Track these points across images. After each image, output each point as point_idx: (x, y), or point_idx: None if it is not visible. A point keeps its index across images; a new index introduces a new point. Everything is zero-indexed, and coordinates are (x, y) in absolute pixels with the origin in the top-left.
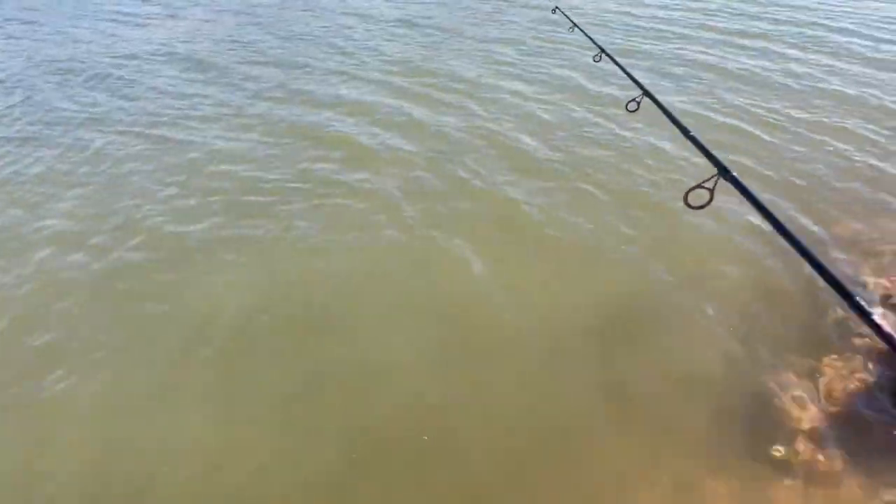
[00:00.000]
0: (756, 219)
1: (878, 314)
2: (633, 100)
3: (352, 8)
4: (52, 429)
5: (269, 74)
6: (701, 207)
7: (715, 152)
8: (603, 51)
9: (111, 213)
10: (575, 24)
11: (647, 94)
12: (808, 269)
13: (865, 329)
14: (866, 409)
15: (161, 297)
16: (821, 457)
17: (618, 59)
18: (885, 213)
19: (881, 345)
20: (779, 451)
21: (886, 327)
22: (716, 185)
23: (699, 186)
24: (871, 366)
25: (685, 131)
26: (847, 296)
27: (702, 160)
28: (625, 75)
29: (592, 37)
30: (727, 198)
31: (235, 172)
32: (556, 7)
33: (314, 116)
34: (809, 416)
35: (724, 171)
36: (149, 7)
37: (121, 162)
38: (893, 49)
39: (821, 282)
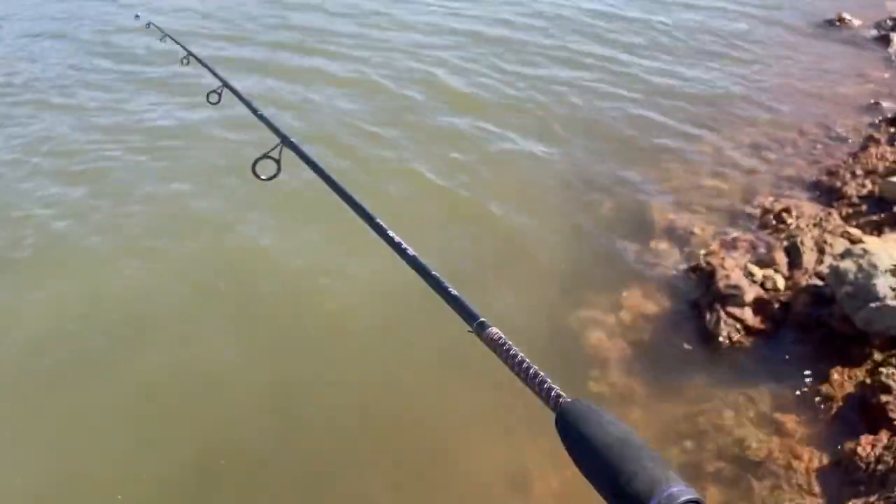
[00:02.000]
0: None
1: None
2: (215, 91)
3: None
4: None
5: None
6: (271, 178)
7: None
8: (190, 53)
9: None
10: (165, 34)
11: (226, 84)
12: (606, 212)
13: (657, 260)
14: (664, 330)
15: None
16: (631, 382)
17: (202, 59)
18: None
19: (671, 273)
20: (592, 381)
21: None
22: (281, 153)
23: (265, 156)
24: (664, 290)
25: (254, 111)
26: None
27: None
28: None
29: (183, 43)
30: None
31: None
32: (150, 22)
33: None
34: (617, 346)
35: (285, 140)
36: None
37: None
38: None
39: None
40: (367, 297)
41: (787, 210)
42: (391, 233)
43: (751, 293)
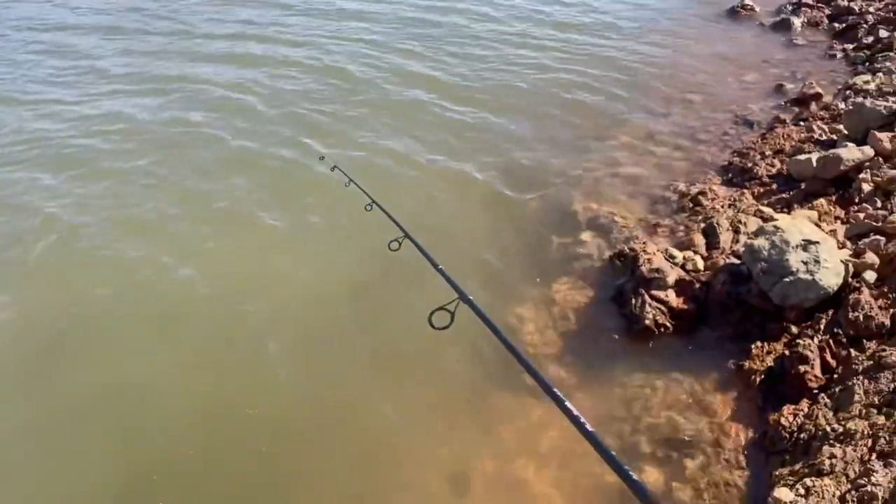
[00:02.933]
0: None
1: (587, 236)
2: (395, 240)
3: None
4: None
5: None
6: (444, 329)
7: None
8: (373, 201)
9: None
10: (351, 180)
11: (407, 235)
12: (531, 207)
13: (582, 250)
14: (594, 319)
15: None
16: (565, 373)
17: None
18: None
19: (597, 262)
20: (528, 375)
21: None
22: (456, 307)
23: (442, 308)
24: (592, 279)
25: (434, 265)
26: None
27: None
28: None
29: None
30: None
31: None
32: (335, 166)
33: None
34: (549, 339)
35: (463, 296)
36: None
37: None
38: None
39: (537, 216)
40: (298, 302)
41: (703, 193)
42: (568, 404)
43: (672, 276)
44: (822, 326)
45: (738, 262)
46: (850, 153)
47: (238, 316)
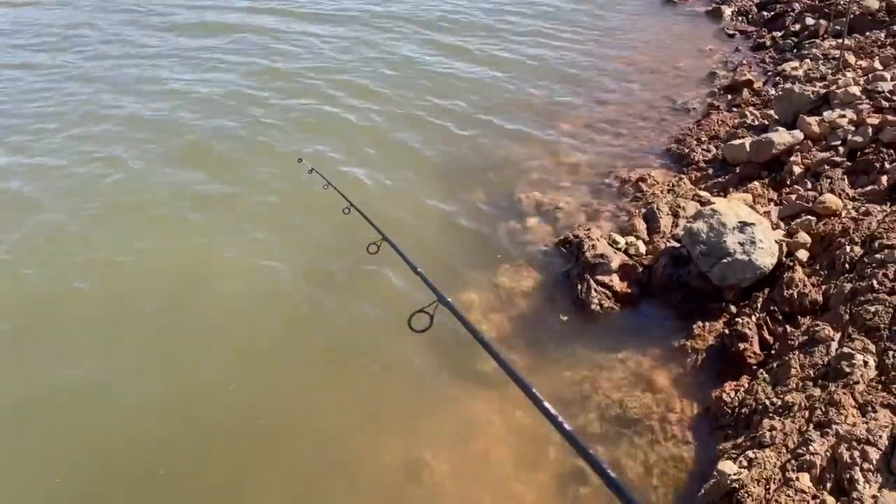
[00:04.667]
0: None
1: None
2: (374, 243)
3: None
4: None
5: None
6: (423, 331)
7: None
8: (352, 204)
9: None
10: (329, 183)
11: (385, 239)
12: (477, 195)
13: (529, 237)
14: (541, 304)
15: None
16: (513, 357)
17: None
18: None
19: (543, 248)
20: (478, 361)
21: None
22: (435, 310)
23: (422, 311)
24: (538, 265)
25: (413, 268)
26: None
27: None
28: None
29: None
30: None
31: None
32: (313, 168)
33: None
34: (497, 324)
35: (442, 299)
36: None
37: None
38: None
39: (484, 206)
40: (251, 299)
41: (643, 179)
42: (547, 404)
43: (616, 260)
44: (759, 305)
45: (678, 245)
46: (781, 137)
47: (197, 308)
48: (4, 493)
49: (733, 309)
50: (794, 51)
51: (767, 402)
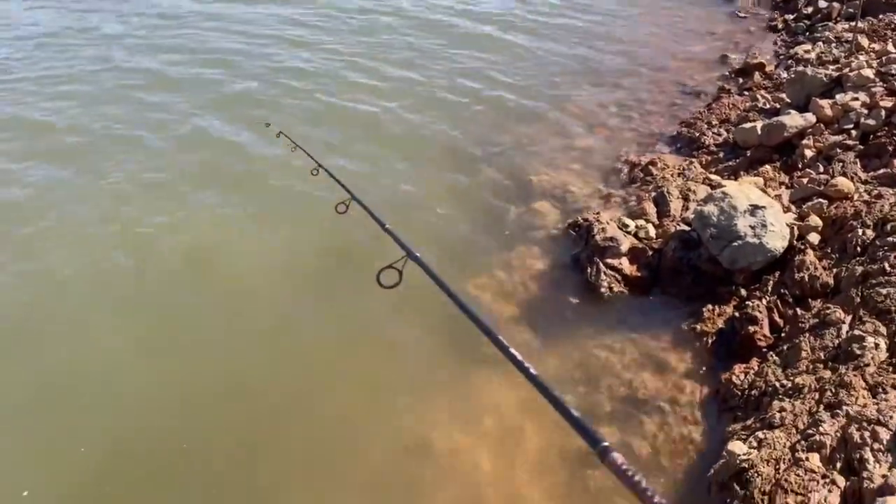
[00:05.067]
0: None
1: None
2: (342, 203)
3: None
4: None
5: None
6: (392, 287)
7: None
8: (320, 165)
9: None
10: (297, 145)
11: (353, 197)
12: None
13: (539, 220)
14: (551, 287)
15: None
16: (524, 339)
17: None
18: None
19: (553, 231)
20: (488, 344)
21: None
22: (404, 265)
23: (390, 267)
24: (548, 249)
25: (382, 224)
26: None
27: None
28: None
29: (311, 154)
30: None
31: None
32: (280, 132)
33: None
34: (508, 307)
35: (410, 254)
36: None
37: None
38: None
39: (494, 188)
40: (259, 276)
41: (653, 163)
42: (513, 351)
43: (626, 244)
44: (769, 288)
45: (688, 228)
46: (793, 120)
47: (207, 286)
48: (24, 476)
49: (743, 292)
50: (807, 34)
51: (777, 384)
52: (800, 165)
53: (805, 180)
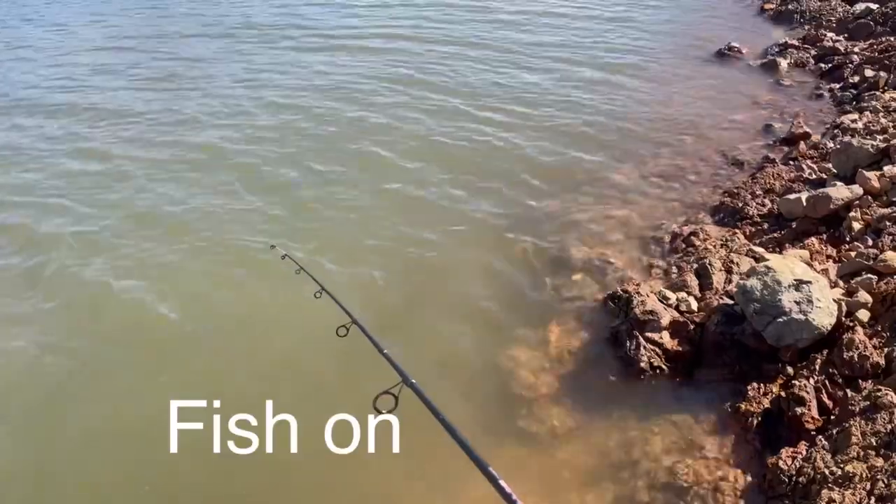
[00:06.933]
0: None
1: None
2: (343, 326)
3: None
4: None
5: None
6: (389, 412)
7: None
8: (323, 289)
9: None
10: (301, 268)
11: (354, 322)
12: (525, 249)
13: (576, 291)
14: (589, 362)
15: None
16: (561, 418)
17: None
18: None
19: (591, 304)
20: (523, 420)
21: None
22: (400, 391)
23: (387, 392)
24: (586, 322)
25: (380, 349)
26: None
27: None
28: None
29: (315, 277)
30: None
31: None
32: (286, 254)
33: None
34: (545, 382)
35: (406, 380)
36: None
37: None
38: None
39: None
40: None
41: (695, 234)
42: (503, 483)
43: (666, 317)
44: (817, 367)
45: (731, 302)
46: (840, 192)
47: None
48: None
49: (790, 370)
50: (853, 103)
51: (827, 472)
52: (847, 238)
53: (853, 254)
